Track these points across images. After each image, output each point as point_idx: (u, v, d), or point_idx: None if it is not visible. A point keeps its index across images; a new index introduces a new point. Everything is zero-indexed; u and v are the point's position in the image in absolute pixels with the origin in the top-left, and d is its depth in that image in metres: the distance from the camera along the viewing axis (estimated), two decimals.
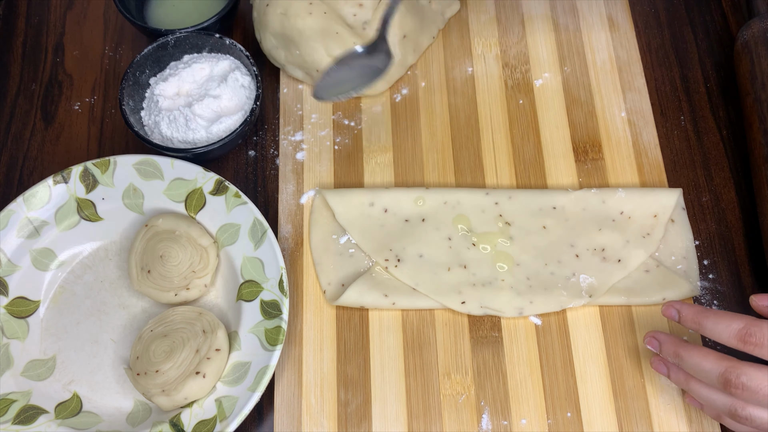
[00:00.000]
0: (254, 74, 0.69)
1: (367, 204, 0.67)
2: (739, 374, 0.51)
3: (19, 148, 0.73)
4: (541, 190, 0.68)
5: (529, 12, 0.77)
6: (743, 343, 0.52)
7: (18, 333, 0.63)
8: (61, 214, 0.66)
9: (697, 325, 0.55)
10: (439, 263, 0.65)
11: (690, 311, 0.55)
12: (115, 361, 0.64)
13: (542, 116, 0.72)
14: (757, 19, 0.70)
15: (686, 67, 0.75)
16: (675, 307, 0.56)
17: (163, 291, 0.63)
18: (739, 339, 0.52)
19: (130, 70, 0.69)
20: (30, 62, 0.77)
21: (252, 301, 0.62)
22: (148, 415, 0.61)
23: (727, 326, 0.52)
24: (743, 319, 0.52)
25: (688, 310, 0.55)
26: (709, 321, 0.54)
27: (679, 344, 0.56)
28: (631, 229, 0.66)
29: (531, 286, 0.64)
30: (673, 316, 0.57)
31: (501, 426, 0.60)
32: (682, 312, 0.56)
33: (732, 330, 0.52)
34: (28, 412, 0.60)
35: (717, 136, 0.72)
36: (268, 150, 0.72)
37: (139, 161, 0.66)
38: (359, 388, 0.62)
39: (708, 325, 0.54)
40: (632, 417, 0.60)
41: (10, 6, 0.80)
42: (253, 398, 0.58)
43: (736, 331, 0.52)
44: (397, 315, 0.64)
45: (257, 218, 0.64)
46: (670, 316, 0.57)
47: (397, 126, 0.72)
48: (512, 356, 0.63)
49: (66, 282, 0.66)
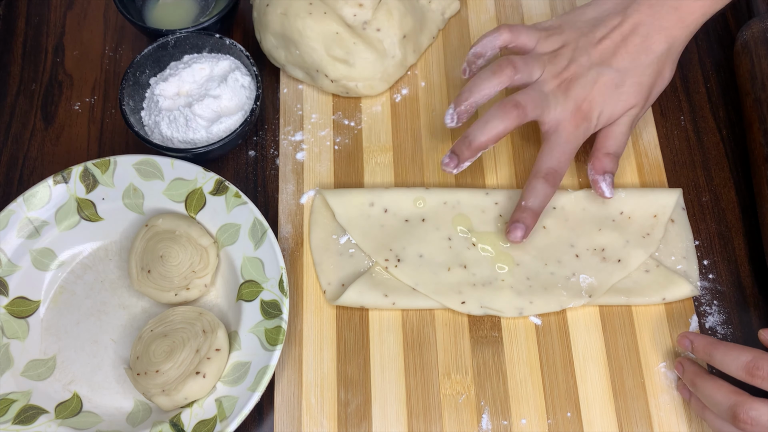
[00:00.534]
0: (254, 74, 0.69)
1: (367, 204, 0.67)
2: (749, 409, 0.52)
3: (19, 148, 0.73)
4: None
5: (529, 12, 0.77)
6: (750, 376, 0.53)
7: (18, 333, 0.63)
8: (61, 214, 0.66)
9: (707, 356, 0.56)
10: (439, 263, 0.65)
11: (701, 342, 0.57)
12: (115, 361, 0.64)
13: None
14: (757, 19, 0.70)
15: (686, 67, 0.75)
16: (689, 338, 0.58)
17: (163, 291, 0.63)
18: (747, 372, 0.53)
19: (130, 70, 0.69)
20: (30, 62, 0.77)
21: (252, 301, 0.62)
22: (148, 415, 0.61)
23: (736, 358, 0.53)
24: (752, 353, 0.53)
25: (700, 341, 0.57)
26: (718, 352, 0.55)
27: (697, 373, 0.57)
28: (631, 229, 0.66)
29: (531, 286, 0.64)
30: (686, 346, 0.59)
31: (501, 426, 0.60)
32: (695, 342, 0.58)
33: (740, 362, 0.53)
34: (28, 412, 0.60)
35: (717, 136, 0.72)
36: (268, 150, 0.72)
37: (139, 161, 0.66)
38: (359, 388, 0.62)
39: (717, 357, 0.55)
40: (632, 417, 0.60)
41: (10, 6, 0.80)
42: (253, 398, 0.58)
43: (744, 363, 0.53)
44: (397, 315, 0.64)
45: (257, 218, 0.64)
46: (684, 346, 0.59)
47: (397, 126, 0.72)
48: (512, 356, 0.63)
49: (66, 282, 0.66)
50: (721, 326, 0.64)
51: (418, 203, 0.67)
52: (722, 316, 0.64)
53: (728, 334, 0.63)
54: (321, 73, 0.71)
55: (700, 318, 0.64)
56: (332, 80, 0.71)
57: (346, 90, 0.72)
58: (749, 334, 0.63)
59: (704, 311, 0.64)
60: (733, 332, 0.64)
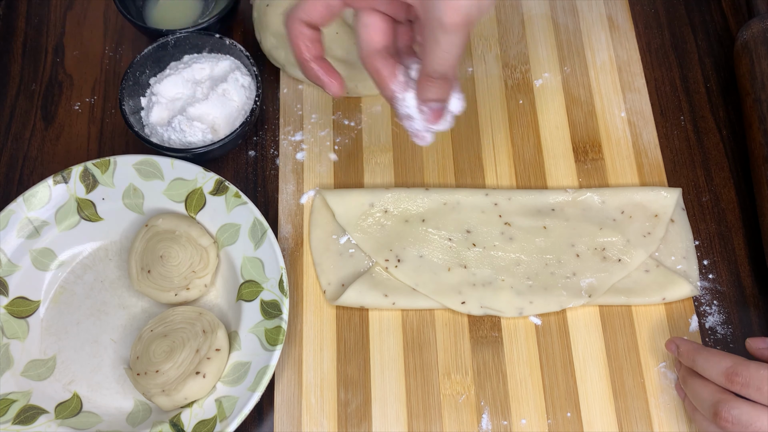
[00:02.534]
0: (254, 74, 0.69)
1: (367, 204, 0.67)
2: (731, 408, 0.52)
3: (19, 148, 0.73)
4: (541, 190, 0.68)
5: (529, 12, 0.77)
6: (730, 382, 0.53)
7: (18, 333, 0.63)
8: (61, 214, 0.66)
9: (691, 361, 0.57)
10: (439, 263, 0.65)
11: (686, 347, 0.58)
12: (115, 361, 0.64)
13: (542, 116, 0.72)
14: (757, 19, 0.70)
15: (686, 67, 0.75)
16: (675, 343, 0.59)
17: (163, 291, 0.63)
18: (726, 377, 0.53)
19: (130, 70, 0.69)
20: (30, 62, 0.77)
21: (252, 301, 0.62)
22: (148, 415, 0.61)
23: (716, 364, 0.54)
24: (732, 359, 0.54)
25: (685, 346, 0.58)
26: (701, 357, 0.56)
27: (688, 371, 0.57)
28: (631, 229, 0.66)
29: (531, 286, 0.64)
30: (673, 350, 0.59)
31: (501, 426, 0.60)
32: (681, 347, 0.58)
33: (720, 368, 0.54)
34: (28, 412, 0.60)
35: (717, 136, 0.72)
36: (268, 150, 0.72)
37: (139, 161, 0.66)
38: (359, 388, 0.62)
39: (700, 362, 0.55)
40: (632, 417, 0.60)
41: (10, 6, 0.80)
42: (253, 398, 0.58)
43: (723, 369, 0.54)
44: (397, 315, 0.64)
45: (257, 218, 0.64)
46: (671, 351, 0.59)
47: (397, 126, 0.72)
48: (512, 356, 0.63)
49: (66, 282, 0.66)
50: (721, 326, 0.64)
51: (419, 204, 0.67)
52: (722, 316, 0.64)
53: (728, 334, 0.63)
54: None
55: (700, 318, 0.64)
56: None
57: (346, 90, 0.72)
58: (749, 334, 0.63)
59: (704, 311, 0.64)
60: (733, 332, 0.64)
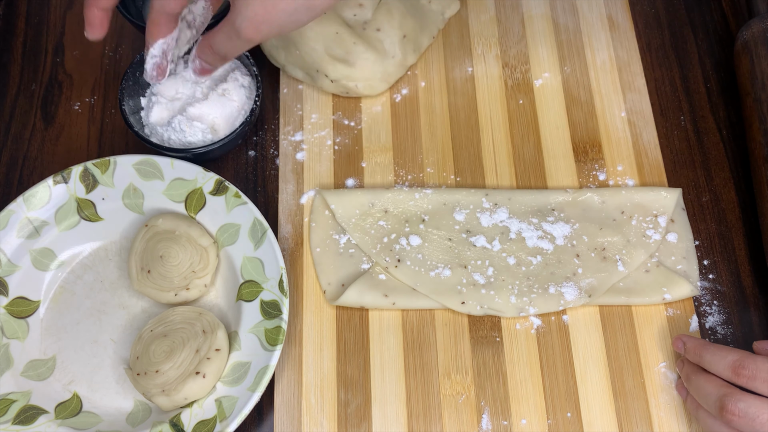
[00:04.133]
0: (254, 74, 0.69)
1: (368, 204, 0.67)
2: (737, 400, 0.53)
3: (19, 148, 0.73)
4: (541, 190, 0.68)
5: (529, 12, 0.77)
6: (736, 375, 0.54)
7: (18, 333, 0.63)
8: (61, 214, 0.66)
9: (698, 357, 0.57)
10: (439, 263, 0.65)
11: (693, 344, 0.58)
12: (115, 361, 0.64)
13: (542, 116, 0.72)
14: (757, 19, 0.70)
15: (686, 67, 0.75)
16: (682, 339, 0.60)
17: (163, 291, 0.63)
18: (733, 371, 0.54)
19: (130, 70, 0.69)
20: (30, 62, 0.77)
21: (252, 301, 0.62)
22: (148, 415, 0.61)
23: (723, 358, 0.55)
24: (738, 353, 0.54)
25: (692, 343, 0.58)
26: (707, 353, 0.56)
27: (693, 368, 0.58)
28: (632, 229, 0.66)
29: (531, 286, 0.64)
30: (679, 347, 0.60)
31: (501, 426, 0.60)
32: (687, 344, 0.59)
33: (727, 362, 0.54)
34: (28, 412, 0.60)
35: (717, 136, 0.72)
36: (268, 150, 0.72)
37: (139, 161, 0.66)
38: (359, 388, 0.62)
39: (706, 357, 0.56)
40: (632, 417, 0.60)
41: (10, 6, 0.80)
42: (253, 398, 0.58)
43: (730, 362, 0.54)
44: (397, 315, 0.64)
45: (257, 218, 0.64)
46: (678, 348, 0.60)
47: (397, 126, 0.72)
48: (512, 356, 0.63)
49: (66, 282, 0.66)
50: (721, 326, 0.64)
51: (419, 204, 0.67)
52: (722, 316, 0.64)
53: (728, 334, 0.63)
54: (321, 73, 0.71)
55: (700, 318, 0.64)
56: (332, 80, 0.71)
57: (346, 90, 0.72)
58: (749, 334, 0.63)
59: (704, 311, 0.64)
60: (733, 332, 0.64)
